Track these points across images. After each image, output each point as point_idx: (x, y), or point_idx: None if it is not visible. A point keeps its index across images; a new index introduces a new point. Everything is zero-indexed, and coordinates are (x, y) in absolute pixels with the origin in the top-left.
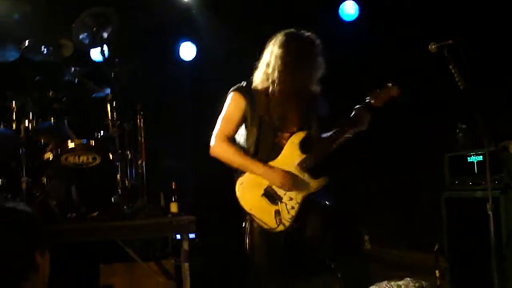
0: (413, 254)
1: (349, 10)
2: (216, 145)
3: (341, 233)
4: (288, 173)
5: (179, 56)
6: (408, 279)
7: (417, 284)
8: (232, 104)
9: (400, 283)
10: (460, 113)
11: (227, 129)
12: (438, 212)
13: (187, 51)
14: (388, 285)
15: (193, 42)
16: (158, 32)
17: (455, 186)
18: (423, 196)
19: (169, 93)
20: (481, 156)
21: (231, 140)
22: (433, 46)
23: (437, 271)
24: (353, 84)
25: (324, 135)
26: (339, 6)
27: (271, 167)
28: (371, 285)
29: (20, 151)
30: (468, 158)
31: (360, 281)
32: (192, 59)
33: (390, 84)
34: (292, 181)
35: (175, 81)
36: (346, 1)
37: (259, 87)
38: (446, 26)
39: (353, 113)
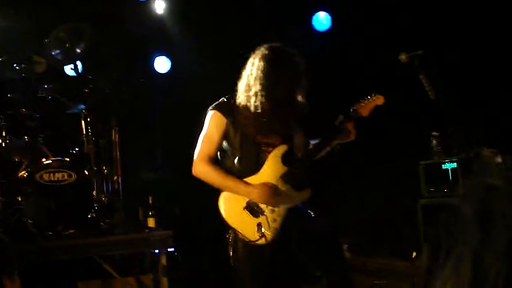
0: (392, 262)
1: (322, 20)
2: (198, 165)
3: (325, 241)
4: (271, 189)
5: (154, 70)
6: None
7: None
8: (212, 123)
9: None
10: (433, 121)
11: (208, 149)
12: (415, 220)
13: (161, 64)
14: None
15: (167, 55)
16: (132, 46)
17: (430, 194)
18: (399, 203)
19: (143, 107)
20: (455, 163)
21: (213, 159)
22: (403, 56)
23: (415, 278)
24: (327, 94)
25: (312, 142)
26: (312, 16)
27: (254, 186)
28: None
29: None
30: (443, 165)
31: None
32: (166, 72)
33: (374, 94)
34: (275, 198)
35: (149, 95)
36: (319, 12)
37: (241, 100)
38: (416, 36)
39: (337, 122)
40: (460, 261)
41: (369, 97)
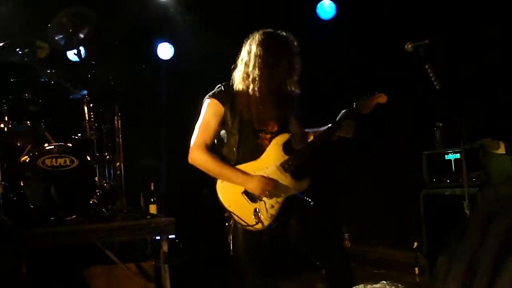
0: (393, 252)
1: (326, 8)
2: (194, 153)
3: (324, 231)
4: (268, 179)
5: (157, 56)
6: (384, 282)
7: (393, 287)
8: (209, 111)
9: (376, 286)
10: (437, 111)
11: (205, 137)
12: (417, 210)
13: (165, 51)
14: None
15: (170, 42)
16: (135, 32)
17: (433, 184)
18: (402, 193)
19: (146, 94)
20: (458, 154)
21: (209, 147)
22: (409, 46)
23: (416, 268)
24: (331, 82)
25: (309, 131)
26: (317, 4)
27: (251, 177)
28: (354, 282)
29: None
30: (446, 156)
31: (344, 277)
32: (170, 59)
33: (376, 92)
34: (273, 188)
35: (152, 82)
36: (323, 0)
37: (239, 87)
38: (422, 25)
39: (339, 117)
40: (462, 261)
41: (370, 94)
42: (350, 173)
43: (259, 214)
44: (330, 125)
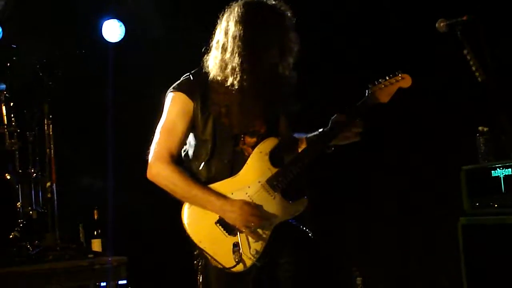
0: None
1: None
2: (155, 166)
3: (328, 273)
4: (255, 207)
5: (102, 38)
6: None
7: None
8: (174, 109)
9: None
10: (480, 112)
11: (170, 145)
12: (454, 245)
13: (112, 31)
14: None
15: (120, 19)
16: (72, 5)
17: (475, 210)
18: (433, 223)
19: (87, 88)
20: (510, 169)
21: (176, 159)
22: (442, 24)
23: None
24: (339, 65)
25: (299, 137)
26: None
27: (230, 201)
28: None
29: None
30: (493, 172)
31: None
32: (119, 41)
33: (399, 73)
34: (261, 220)
35: (95, 72)
36: None
37: (213, 77)
38: None
39: (347, 111)
40: None
41: (390, 76)
42: (362, 193)
43: (240, 251)
44: (324, 130)
